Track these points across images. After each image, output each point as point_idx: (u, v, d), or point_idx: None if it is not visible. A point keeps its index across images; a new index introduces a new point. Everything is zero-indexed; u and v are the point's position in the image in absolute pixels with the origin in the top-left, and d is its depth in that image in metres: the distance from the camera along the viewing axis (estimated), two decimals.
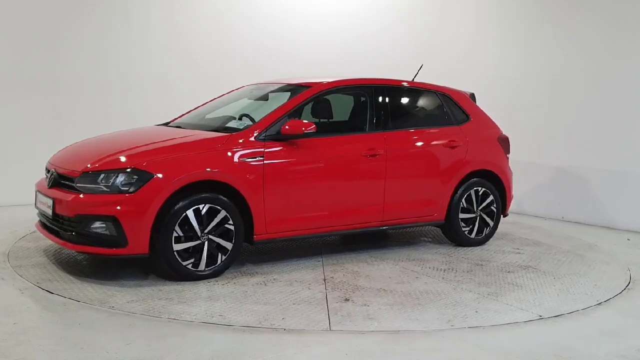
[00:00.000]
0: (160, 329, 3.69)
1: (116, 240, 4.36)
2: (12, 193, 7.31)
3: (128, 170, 4.42)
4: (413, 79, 6.08)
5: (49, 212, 4.67)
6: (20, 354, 3.27)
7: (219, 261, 4.68)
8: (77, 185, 4.51)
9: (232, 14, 8.59)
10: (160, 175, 4.41)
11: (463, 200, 5.90)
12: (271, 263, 5.24)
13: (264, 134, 4.89)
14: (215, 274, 4.69)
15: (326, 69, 7.23)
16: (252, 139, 4.84)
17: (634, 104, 7.12)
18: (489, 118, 6.26)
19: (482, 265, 5.39)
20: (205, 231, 4.58)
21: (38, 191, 4.99)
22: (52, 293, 4.25)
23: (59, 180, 4.75)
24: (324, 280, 4.80)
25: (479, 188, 5.99)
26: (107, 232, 4.36)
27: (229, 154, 4.71)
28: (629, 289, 4.93)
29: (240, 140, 4.81)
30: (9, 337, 3.48)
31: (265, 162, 4.82)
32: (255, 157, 4.79)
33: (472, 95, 6.30)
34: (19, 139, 7.50)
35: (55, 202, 4.59)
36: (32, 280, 4.50)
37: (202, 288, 4.47)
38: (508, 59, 8.32)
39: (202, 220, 4.56)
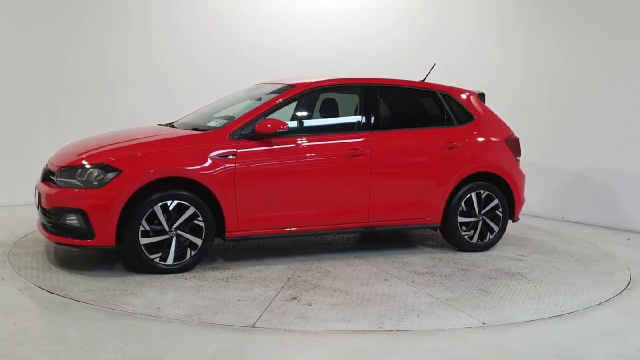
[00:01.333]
0: (160, 329, 3.69)
1: (85, 232, 4.58)
2: (12, 193, 7.30)
3: (98, 166, 4.64)
4: (424, 79, 5.98)
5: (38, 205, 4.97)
6: (20, 354, 3.27)
7: (187, 256, 4.79)
8: (58, 180, 4.75)
9: (232, 13, 8.59)
10: (127, 171, 4.59)
11: (462, 203, 5.70)
12: (251, 260, 5.27)
13: (238, 133, 4.97)
14: (184, 268, 4.80)
15: (326, 69, 7.22)
16: (226, 137, 4.94)
17: (634, 104, 7.12)
18: (498, 119, 6.04)
19: (466, 270, 5.19)
20: (174, 227, 4.71)
21: (36, 187, 5.16)
22: (52, 293, 4.25)
23: (48, 175, 4.96)
24: (288, 279, 4.78)
25: (482, 191, 5.77)
26: (78, 224, 4.59)
27: (200, 152, 4.82)
28: (629, 289, 4.93)
29: (213, 139, 4.92)
30: (9, 337, 3.48)
31: (237, 160, 4.89)
32: (227, 156, 4.87)
33: (481, 95, 6.10)
34: (19, 139, 7.50)
35: (39, 195, 4.88)
36: (32, 280, 4.50)
37: (163, 281, 4.57)
38: (508, 59, 8.32)
39: (171, 216, 4.69)
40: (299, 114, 5.64)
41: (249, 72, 8.00)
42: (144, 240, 4.64)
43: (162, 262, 4.72)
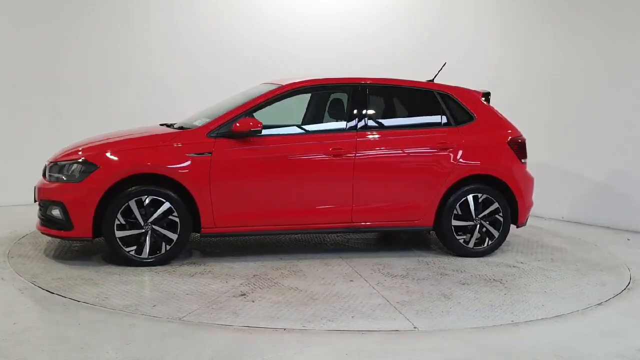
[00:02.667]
0: (160, 329, 3.69)
1: (65, 224, 4.85)
2: (12, 193, 7.30)
3: (79, 161, 4.92)
4: (434, 78, 5.89)
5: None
6: (20, 354, 3.27)
7: (162, 250, 4.95)
8: (48, 174, 5.08)
9: (232, 14, 8.58)
10: (103, 167, 4.84)
11: (457, 206, 5.49)
12: (233, 257, 5.34)
13: (216, 132, 5.08)
14: (160, 262, 4.95)
15: (327, 69, 7.22)
16: (204, 136, 5.06)
17: (634, 103, 7.12)
18: (502, 120, 5.80)
19: (444, 275, 5.01)
20: (149, 221, 4.87)
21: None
22: (52, 293, 4.26)
23: (44, 170, 5.25)
24: (254, 276, 4.80)
25: (479, 194, 5.54)
26: (59, 216, 4.88)
27: (176, 149, 4.99)
28: (629, 289, 4.93)
29: (190, 137, 5.08)
30: (9, 337, 3.49)
31: (212, 158, 4.99)
32: (203, 153, 4.99)
33: (486, 95, 5.88)
34: (19, 139, 7.50)
35: (34, 189, 5.20)
36: (32, 280, 4.51)
37: (132, 273, 4.69)
38: (508, 60, 8.32)
39: (146, 210, 4.87)
40: (284, 113, 5.66)
41: (249, 72, 7.99)
42: (119, 234, 4.83)
43: (137, 255, 4.89)
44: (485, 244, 5.63)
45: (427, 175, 5.47)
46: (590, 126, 7.51)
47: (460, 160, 5.52)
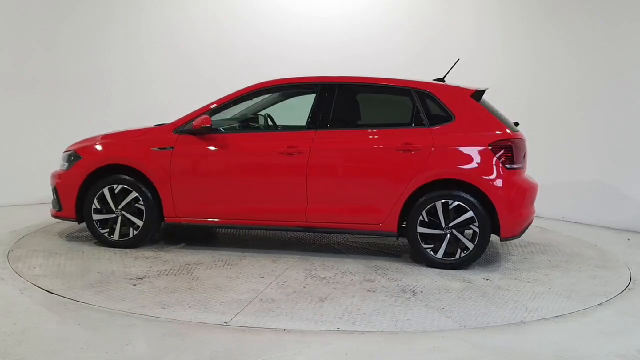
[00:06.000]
0: (160, 329, 3.69)
1: (58, 205, 5.64)
2: (12, 193, 7.31)
3: (70, 152, 5.66)
4: (445, 75, 5.72)
5: None
6: (19, 354, 3.27)
7: (130, 234, 5.47)
8: (60, 163, 5.76)
9: (232, 14, 8.60)
10: (85, 158, 5.54)
11: (424, 212, 5.12)
12: (212, 248, 5.69)
13: (181, 128, 5.45)
14: (129, 245, 5.49)
15: (327, 71, 7.20)
16: (170, 132, 5.47)
17: (635, 103, 7.12)
18: (491, 120, 5.24)
19: (371, 282, 4.77)
20: (119, 207, 5.43)
21: None
22: (52, 293, 4.26)
23: None
24: (187, 265, 5.06)
25: (450, 201, 5.10)
26: (55, 198, 5.68)
27: (144, 143, 5.48)
28: (629, 289, 4.93)
29: (158, 133, 5.52)
30: (8, 337, 3.48)
31: (173, 152, 5.38)
32: (165, 147, 5.41)
33: (477, 93, 5.34)
34: (18, 139, 7.50)
35: None
36: (32, 280, 4.51)
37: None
38: (508, 61, 8.32)
39: (117, 198, 5.45)
40: (248, 111, 5.86)
41: (249, 72, 7.99)
42: (96, 217, 5.49)
43: (110, 237, 5.49)
44: (457, 256, 5.15)
45: (386, 177, 5.18)
46: (591, 126, 7.51)
47: (427, 162, 5.11)
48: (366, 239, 6.20)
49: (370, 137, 5.30)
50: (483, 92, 5.42)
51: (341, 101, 5.43)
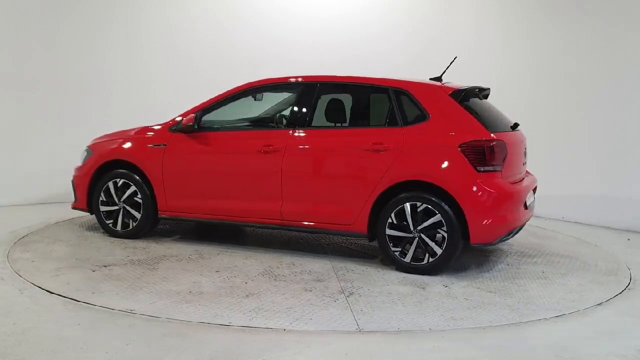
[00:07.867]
0: (160, 329, 3.69)
1: (75, 197, 6.08)
2: (12, 193, 7.31)
3: (86, 149, 6.11)
4: (443, 73, 5.66)
5: None
6: (19, 354, 3.27)
7: (130, 226, 5.81)
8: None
9: (232, 14, 8.60)
10: (95, 154, 5.96)
11: (393, 214, 4.98)
12: (201, 242, 5.87)
13: (175, 127, 5.69)
14: (130, 235, 5.85)
15: (326, 71, 7.20)
16: (166, 130, 5.73)
17: (635, 103, 7.12)
18: (468, 121, 4.99)
19: (321, 281, 4.71)
20: (121, 200, 5.80)
21: None
22: (52, 293, 4.26)
23: None
24: (162, 256, 5.28)
25: (418, 203, 4.91)
26: (73, 190, 6.09)
27: (142, 141, 5.80)
28: (629, 289, 4.93)
29: (155, 131, 5.79)
30: (8, 337, 3.49)
31: (165, 149, 5.67)
32: (159, 145, 5.70)
33: (458, 92, 5.12)
34: (19, 139, 7.50)
35: None
36: (32, 280, 4.51)
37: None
38: (508, 61, 8.32)
39: (119, 191, 5.81)
40: (239, 111, 5.97)
41: (249, 72, 7.98)
42: (103, 208, 5.90)
43: (114, 227, 5.86)
44: (425, 261, 4.95)
45: (356, 177, 5.11)
46: (591, 126, 7.51)
47: (396, 163, 4.98)
48: (359, 241, 6.05)
49: (343, 137, 5.33)
50: (466, 90, 5.22)
51: (320, 100, 5.50)
